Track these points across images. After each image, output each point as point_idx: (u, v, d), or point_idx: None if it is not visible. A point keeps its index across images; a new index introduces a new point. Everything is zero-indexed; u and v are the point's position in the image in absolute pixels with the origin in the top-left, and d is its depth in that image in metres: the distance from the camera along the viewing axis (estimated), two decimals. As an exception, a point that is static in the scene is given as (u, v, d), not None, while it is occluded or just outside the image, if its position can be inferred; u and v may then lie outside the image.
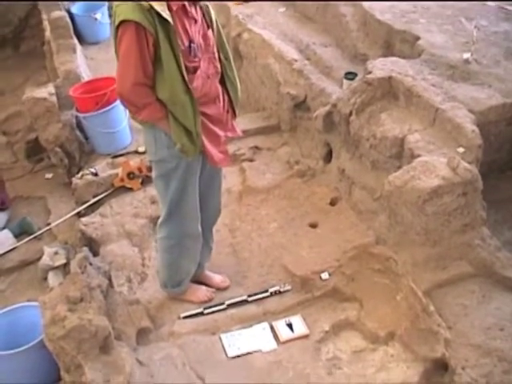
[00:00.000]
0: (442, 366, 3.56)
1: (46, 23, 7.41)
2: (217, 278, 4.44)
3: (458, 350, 3.50)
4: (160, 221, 4.07)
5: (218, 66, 3.73)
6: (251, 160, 5.64)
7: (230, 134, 3.94)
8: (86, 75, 6.67)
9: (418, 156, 4.11)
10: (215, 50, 3.70)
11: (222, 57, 3.78)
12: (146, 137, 3.83)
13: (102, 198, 5.43)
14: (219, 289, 4.39)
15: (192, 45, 3.49)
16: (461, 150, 4.07)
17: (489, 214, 4.07)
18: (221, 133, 3.84)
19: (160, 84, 3.48)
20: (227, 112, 3.88)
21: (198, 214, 4.01)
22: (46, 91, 6.00)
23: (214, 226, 4.39)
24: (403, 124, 4.44)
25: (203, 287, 4.36)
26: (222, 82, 3.82)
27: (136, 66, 3.37)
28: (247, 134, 5.77)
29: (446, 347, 3.51)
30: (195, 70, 3.54)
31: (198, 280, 4.41)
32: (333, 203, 4.99)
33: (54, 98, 5.96)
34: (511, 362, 3.36)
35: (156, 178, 3.91)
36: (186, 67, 3.46)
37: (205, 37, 3.62)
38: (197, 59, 3.54)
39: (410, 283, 3.83)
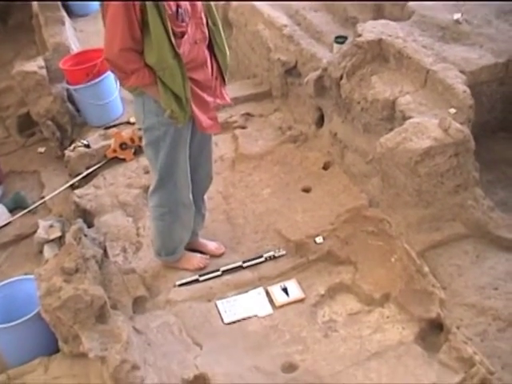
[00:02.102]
0: (437, 326, 3.59)
1: (33, -4, 7.35)
2: (211, 245, 4.45)
3: (453, 309, 3.52)
4: (151, 189, 4.07)
5: (206, 31, 3.70)
6: (243, 127, 5.63)
7: (219, 101, 3.92)
8: (76, 47, 6.62)
9: (410, 118, 4.09)
10: (202, 15, 3.67)
11: (209, 23, 3.74)
12: (134, 105, 3.83)
13: (95, 170, 5.42)
14: (214, 255, 4.40)
15: (179, 9, 3.46)
16: (452, 110, 4.05)
17: (482, 175, 4.07)
18: (209, 99, 3.82)
19: (148, 49, 3.45)
20: (216, 78, 3.86)
21: (188, 182, 4.00)
22: (36, 64, 5.95)
23: (205, 194, 4.39)
24: (394, 86, 4.42)
25: (198, 254, 4.37)
26: (211, 48, 3.79)
27: (123, 30, 3.34)
28: (239, 101, 5.78)
29: (441, 307, 3.53)
30: (182, 35, 3.51)
31: (193, 248, 4.42)
32: (325, 167, 4.99)
33: (44, 71, 5.91)
34: (505, 320, 3.39)
35: (146, 146, 3.91)
36: (174, 32, 3.44)
37: (192, 2, 3.58)
38: (184, 24, 3.51)
39: (404, 245, 3.84)
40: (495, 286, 3.58)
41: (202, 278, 4.21)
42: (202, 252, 4.42)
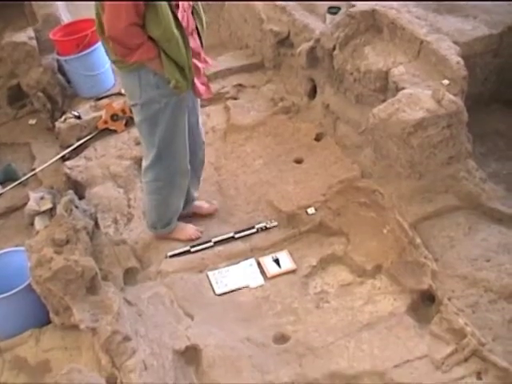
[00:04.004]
0: (428, 298, 3.60)
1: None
2: (205, 205, 4.52)
3: (445, 281, 3.53)
4: (146, 165, 4.04)
5: None
6: (235, 98, 5.60)
7: (203, 66, 3.91)
8: (66, 18, 6.54)
9: (403, 89, 4.08)
10: None
11: None
12: (127, 81, 3.77)
13: (86, 141, 5.41)
14: (210, 214, 4.48)
15: None
16: (445, 82, 4.04)
17: (474, 147, 4.07)
18: (200, 64, 3.83)
19: (152, 22, 3.41)
20: (200, 44, 3.86)
21: (187, 151, 4.01)
22: (26, 35, 5.88)
23: (203, 157, 4.41)
24: (387, 57, 4.40)
25: (190, 225, 4.37)
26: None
27: (127, 5, 3.29)
28: (231, 72, 5.77)
29: (433, 279, 3.54)
30: (177, 4, 3.50)
31: (190, 211, 4.46)
32: (318, 139, 4.97)
33: (34, 42, 5.85)
34: (497, 292, 3.39)
35: (141, 122, 3.86)
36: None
37: None
38: None
39: (397, 216, 3.83)
40: (487, 257, 3.58)
41: (193, 249, 4.20)
42: (198, 215, 4.47)
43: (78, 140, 5.41)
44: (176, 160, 3.98)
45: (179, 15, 3.50)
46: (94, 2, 3.50)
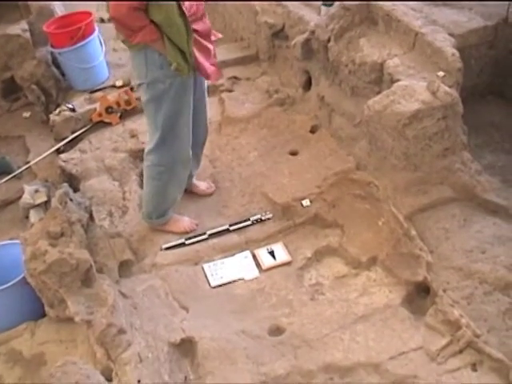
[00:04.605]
0: (423, 290, 3.60)
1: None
2: (202, 185, 4.58)
3: (440, 273, 3.53)
4: (150, 147, 4.09)
5: None
6: (230, 90, 5.60)
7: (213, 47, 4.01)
8: (60, 11, 6.52)
9: (398, 81, 4.07)
10: None
11: None
12: (135, 60, 3.84)
13: (81, 134, 5.40)
14: (206, 195, 4.55)
15: None
16: (441, 73, 4.03)
17: (470, 139, 4.06)
18: (210, 46, 3.93)
19: (154, 7, 3.52)
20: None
21: (189, 136, 4.05)
22: (19, 27, 5.88)
23: (204, 144, 4.49)
24: (382, 49, 4.40)
25: (185, 218, 4.37)
26: None
27: None
28: (226, 64, 5.74)
29: (428, 271, 3.54)
30: None
31: (188, 188, 4.51)
32: (313, 131, 4.98)
33: (28, 35, 5.84)
34: (492, 283, 3.39)
35: (147, 102, 3.93)
36: None
37: None
38: None
39: (392, 208, 3.83)
40: (482, 249, 3.57)
41: (188, 242, 4.20)
42: (195, 193, 4.54)
43: (73, 133, 5.39)
44: (178, 144, 4.03)
45: (186, 3, 3.59)
46: None
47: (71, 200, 4.13)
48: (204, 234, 4.24)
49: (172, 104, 3.84)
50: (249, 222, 4.29)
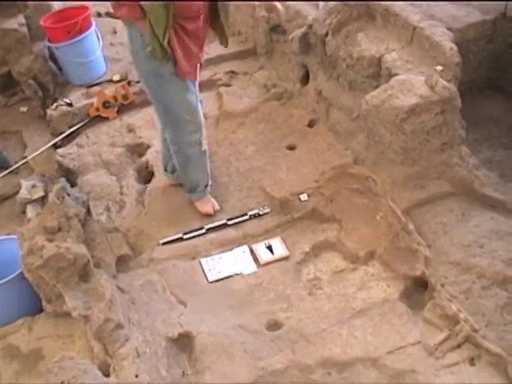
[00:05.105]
0: (421, 284, 3.59)
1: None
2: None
3: (438, 267, 3.52)
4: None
5: None
6: (228, 85, 5.60)
7: (199, 52, 3.98)
8: (57, 5, 6.50)
9: (396, 75, 4.06)
10: None
11: None
12: (127, 34, 3.86)
13: (78, 129, 5.41)
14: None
15: None
16: (439, 68, 4.02)
17: (468, 133, 4.05)
18: (195, 48, 3.86)
19: None
20: (204, 31, 3.91)
21: (196, 122, 4.10)
22: (16, 22, 5.85)
23: None
24: (380, 43, 4.38)
25: (212, 200, 4.44)
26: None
27: None
28: (223, 58, 5.78)
29: (426, 265, 3.53)
30: None
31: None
32: (310, 125, 4.97)
33: (25, 29, 5.81)
34: (490, 278, 3.38)
35: (140, 78, 4.09)
36: None
37: None
38: None
39: (389, 202, 3.83)
40: (480, 244, 3.57)
41: (185, 237, 4.20)
42: None
43: (70, 127, 5.40)
44: (182, 127, 4.08)
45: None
46: None
47: (68, 195, 4.13)
48: (202, 228, 4.24)
49: (158, 86, 3.89)
50: (247, 217, 4.28)
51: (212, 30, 4.00)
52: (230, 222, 4.27)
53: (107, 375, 3.18)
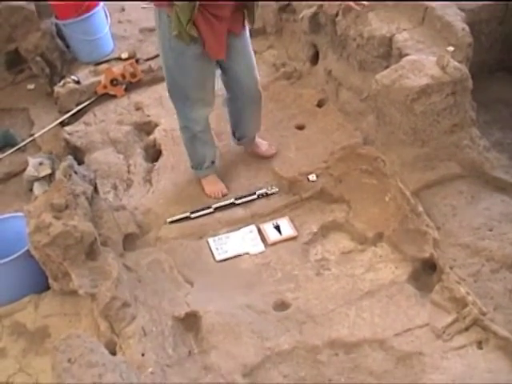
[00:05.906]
0: (430, 266, 3.57)
1: None
2: (264, 147, 4.60)
3: (447, 249, 3.50)
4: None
5: None
6: (237, 64, 5.53)
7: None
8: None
9: (407, 55, 4.02)
10: None
11: None
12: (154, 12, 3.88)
13: (86, 106, 5.40)
14: (265, 157, 4.56)
15: None
16: (450, 48, 3.96)
17: (478, 115, 4.03)
18: (222, 29, 3.80)
19: None
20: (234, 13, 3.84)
21: (205, 102, 4.12)
22: (24, -1, 5.84)
23: (254, 106, 4.44)
24: (391, 23, 4.34)
25: (220, 183, 4.42)
26: None
27: None
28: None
29: (435, 247, 3.51)
30: None
31: (249, 149, 4.64)
32: (320, 105, 4.94)
33: (32, 6, 5.80)
34: (499, 261, 3.37)
35: (160, 53, 4.01)
36: None
37: None
38: None
39: (399, 183, 3.80)
40: (490, 226, 3.55)
41: (193, 215, 4.19)
42: (255, 153, 4.62)
43: (77, 105, 5.39)
44: (189, 106, 4.08)
45: None
46: None
47: (75, 173, 4.11)
48: (209, 207, 4.23)
49: (175, 64, 3.87)
50: (255, 196, 4.27)
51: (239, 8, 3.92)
52: (237, 202, 4.25)
53: (114, 353, 3.18)
